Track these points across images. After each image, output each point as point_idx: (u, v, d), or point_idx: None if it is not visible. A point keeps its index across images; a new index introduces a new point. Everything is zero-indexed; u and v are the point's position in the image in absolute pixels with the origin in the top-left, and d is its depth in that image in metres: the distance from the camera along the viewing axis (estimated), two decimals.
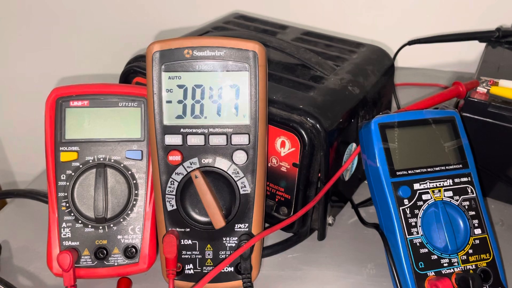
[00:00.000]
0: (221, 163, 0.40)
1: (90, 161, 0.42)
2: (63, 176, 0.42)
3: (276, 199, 0.47)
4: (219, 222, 0.40)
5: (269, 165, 0.46)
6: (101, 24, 0.89)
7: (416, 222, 0.42)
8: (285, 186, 0.46)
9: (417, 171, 0.43)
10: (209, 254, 0.42)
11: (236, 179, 0.41)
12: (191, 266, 0.42)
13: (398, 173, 0.43)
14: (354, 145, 0.50)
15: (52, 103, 0.43)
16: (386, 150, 0.43)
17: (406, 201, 0.42)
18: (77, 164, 0.42)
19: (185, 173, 0.40)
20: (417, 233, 0.41)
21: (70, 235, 0.42)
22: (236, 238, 0.41)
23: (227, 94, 0.40)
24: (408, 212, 0.42)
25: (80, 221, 0.42)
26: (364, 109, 0.50)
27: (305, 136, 0.43)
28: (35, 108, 0.95)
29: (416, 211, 0.42)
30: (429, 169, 0.43)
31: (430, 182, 0.43)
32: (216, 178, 0.41)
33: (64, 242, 0.42)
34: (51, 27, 0.92)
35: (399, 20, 0.80)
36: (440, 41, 0.71)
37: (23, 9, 0.90)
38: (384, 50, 0.58)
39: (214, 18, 0.65)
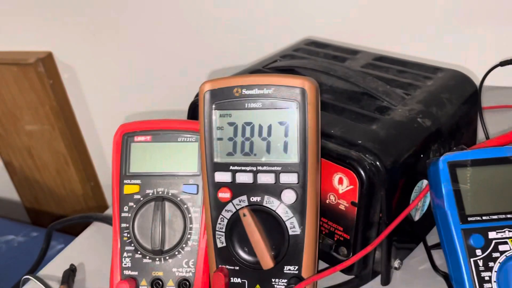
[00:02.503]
0: (270, 202, 0.39)
1: (150, 194, 0.44)
2: (125, 208, 0.45)
3: (335, 238, 0.45)
4: (267, 262, 0.39)
5: (327, 202, 0.44)
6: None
7: (490, 277, 0.36)
8: (344, 225, 0.43)
9: (494, 217, 0.38)
10: None
11: (285, 219, 0.39)
12: None
13: (469, 218, 0.38)
14: (424, 182, 0.45)
15: (119, 139, 0.45)
16: (456, 192, 0.38)
17: (478, 252, 0.37)
18: (138, 196, 0.45)
19: (234, 210, 0.40)
20: None
21: (130, 265, 0.44)
22: (286, 280, 0.40)
23: (276, 131, 0.39)
24: (480, 264, 0.37)
25: (139, 252, 0.44)
26: (438, 142, 0.46)
27: (363, 174, 0.41)
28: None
29: (491, 264, 0.37)
30: (508, 215, 0.38)
31: (509, 231, 0.37)
32: (265, 217, 0.40)
33: (124, 271, 0.44)
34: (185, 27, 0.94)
35: (487, 41, 0.72)
36: None
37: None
38: (465, 75, 0.52)
39: (292, 42, 0.65)
